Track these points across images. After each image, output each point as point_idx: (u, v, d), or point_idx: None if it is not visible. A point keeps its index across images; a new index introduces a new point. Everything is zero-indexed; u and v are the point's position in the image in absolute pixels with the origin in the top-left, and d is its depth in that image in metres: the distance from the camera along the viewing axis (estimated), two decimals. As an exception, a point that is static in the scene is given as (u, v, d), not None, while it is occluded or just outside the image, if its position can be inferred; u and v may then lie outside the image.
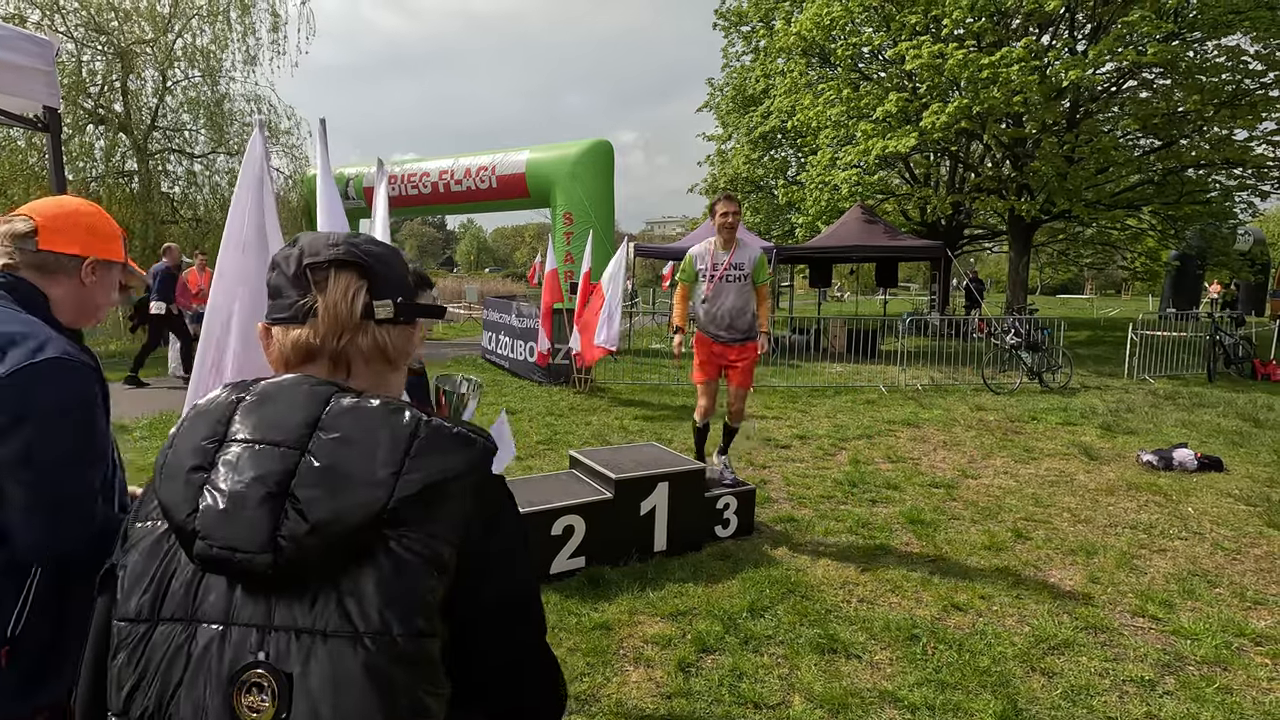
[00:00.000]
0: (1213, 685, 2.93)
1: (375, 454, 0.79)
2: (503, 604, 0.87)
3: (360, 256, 0.91)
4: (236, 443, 0.81)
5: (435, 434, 0.84)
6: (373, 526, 0.77)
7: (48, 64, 2.62)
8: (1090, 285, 47.82)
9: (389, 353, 0.93)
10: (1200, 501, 5.22)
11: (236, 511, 0.76)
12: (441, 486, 0.80)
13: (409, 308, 0.94)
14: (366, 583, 0.76)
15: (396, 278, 0.94)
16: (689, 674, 2.97)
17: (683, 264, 4.85)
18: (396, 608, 0.76)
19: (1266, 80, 13.94)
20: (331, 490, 0.77)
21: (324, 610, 0.76)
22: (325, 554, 0.76)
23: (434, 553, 0.78)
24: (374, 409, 0.84)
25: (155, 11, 14.00)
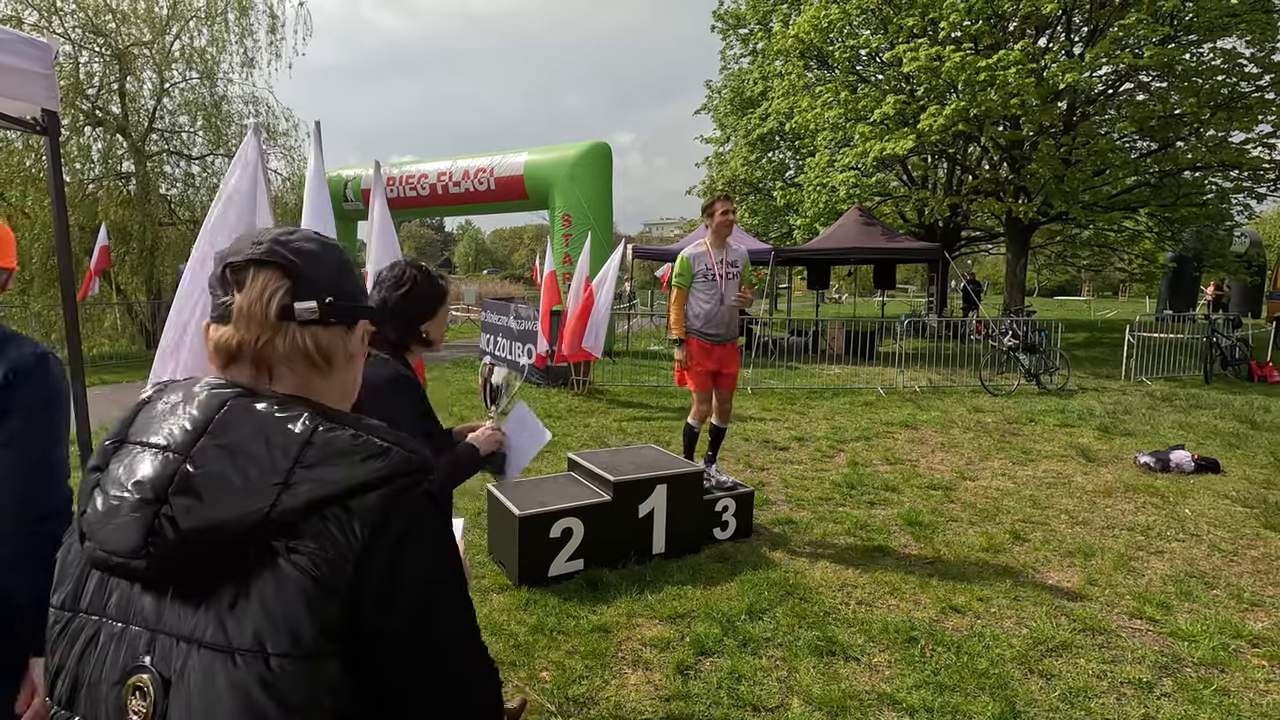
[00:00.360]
0: (1210, 687, 2.93)
1: (259, 462, 0.75)
2: (413, 642, 0.78)
3: (283, 255, 0.86)
4: (130, 444, 0.80)
5: (332, 443, 0.78)
6: (256, 538, 0.73)
7: (46, 67, 2.62)
8: (1088, 287, 47.91)
9: (313, 356, 0.88)
10: (1197, 503, 5.23)
11: (112, 515, 0.75)
12: (336, 500, 0.75)
13: (337, 309, 0.88)
14: (248, 596, 0.73)
15: (327, 277, 0.89)
16: (687, 676, 2.97)
17: (678, 268, 4.82)
18: (273, 626, 0.72)
19: (1262, 83, 13.99)
20: (208, 499, 0.74)
21: (204, 619, 0.73)
22: (202, 563, 0.73)
23: (324, 572, 0.73)
24: (265, 413, 0.80)
25: (153, 13, 13.99)
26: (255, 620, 0.72)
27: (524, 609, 3.52)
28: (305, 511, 0.74)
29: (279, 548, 0.73)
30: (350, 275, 0.93)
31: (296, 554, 0.73)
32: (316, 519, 0.74)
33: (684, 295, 4.80)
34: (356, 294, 0.94)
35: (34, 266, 12.91)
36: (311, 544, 0.73)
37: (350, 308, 0.91)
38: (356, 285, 0.95)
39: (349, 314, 0.91)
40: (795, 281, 21.54)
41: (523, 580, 3.74)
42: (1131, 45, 13.58)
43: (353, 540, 0.74)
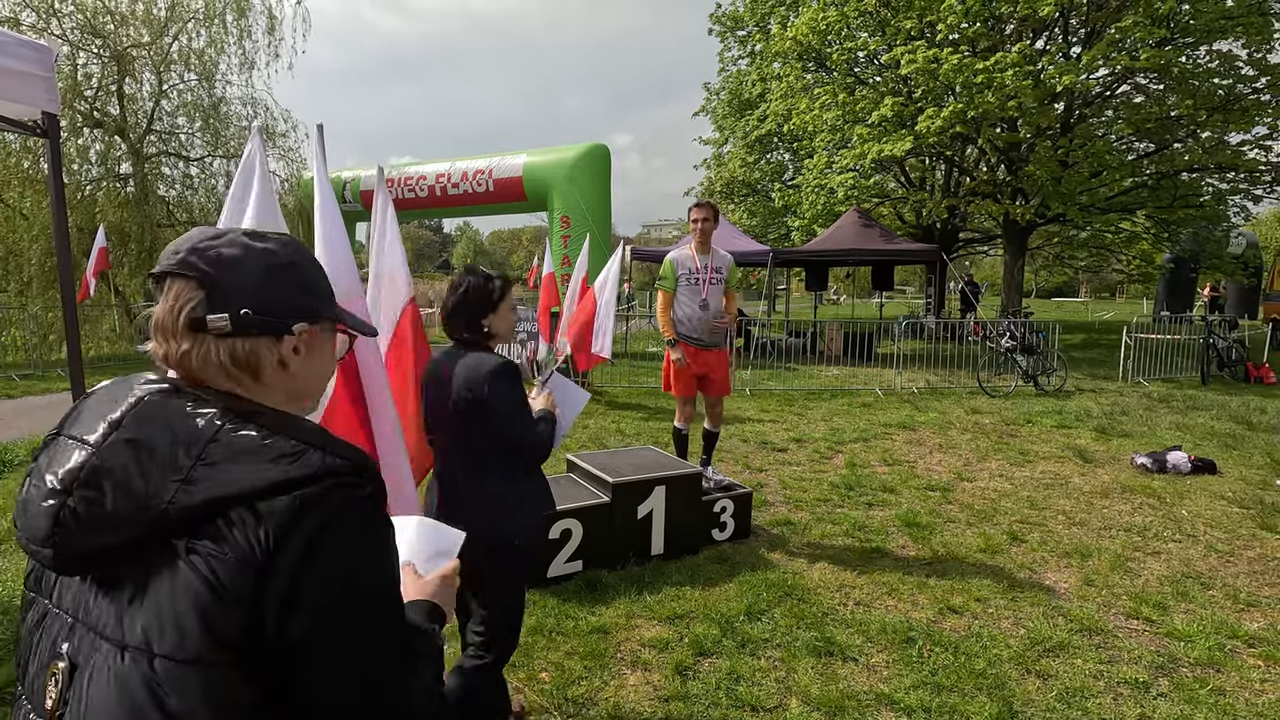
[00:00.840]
0: (1206, 687, 2.95)
1: (160, 458, 0.74)
2: (322, 655, 0.74)
3: (196, 265, 0.83)
4: (62, 436, 0.81)
5: (237, 441, 0.76)
6: (153, 535, 0.72)
7: (47, 70, 2.63)
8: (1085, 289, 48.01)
9: (228, 369, 0.84)
10: (1194, 504, 5.24)
11: (30, 504, 0.77)
12: (241, 502, 0.72)
13: (252, 321, 0.83)
14: (145, 594, 0.72)
15: (249, 285, 0.84)
16: (686, 677, 2.98)
17: (663, 271, 4.80)
18: (161, 626, 0.71)
19: (1259, 85, 14.03)
20: (108, 492, 0.73)
21: (107, 612, 0.74)
22: (104, 556, 0.73)
23: (222, 578, 0.71)
24: (178, 409, 0.78)
25: (151, 15, 13.99)
26: (146, 618, 0.71)
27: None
28: (205, 511, 0.72)
29: (179, 547, 0.72)
30: (281, 281, 0.87)
31: (195, 555, 0.71)
32: (220, 520, 0.72)
33: (668, 298, 4.75)
34: (289, 300, 0.87)
35: (33, 268, 12.89)
36: (211, 546, 0.71)
37: (266, 321, 0.84)
38: (294, 289, 0.88)
39: (268, 327, 0.85)
40: (793, 283, 21.58)
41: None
42: (1128, 48, 13.62)
43: (256, 546, 0.71)
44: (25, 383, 10.35)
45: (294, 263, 0.89)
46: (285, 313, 0.87)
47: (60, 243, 2.87)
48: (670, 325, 4.76)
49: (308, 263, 0.92)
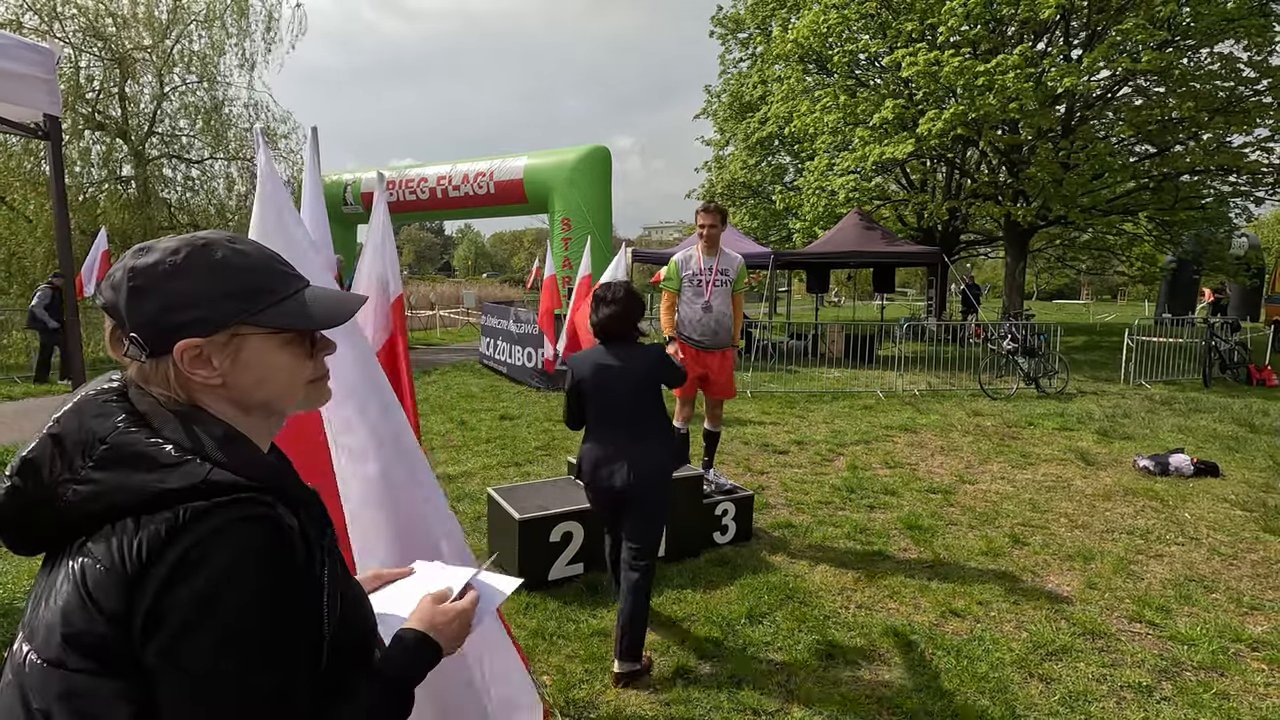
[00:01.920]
0: (1210, 691, 2.94)
1: (66, 454, 0.76)
2: (171, 671, 0.70)
3: (104, 292, 0.84)
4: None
5: (125, 445, 0.74)
6: (56, 532, 0.76)
7: (48, 72, 2.63)
8: (1086, 291, 47.97)
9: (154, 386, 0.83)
10: (1197, 507, 5.23)
11: None
12: (125, 510, 0.71)
13: (139, 345, 0.81)
14: (54, 587, 0.74)
15: (126, 308, 0.81)
16: (687, 680, 2.97)
17: (667, 271, 4.80)
18: (47, 625, 0.72)
19: (1260, 87, 14.04)
20: (24, 482, 0.77)
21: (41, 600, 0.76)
22: (29, 539, 0.78)
23: (90, 586, 0.70)
24: (94, 408, 0.80)
25: (153, 17, 14.02)
26: (43, 615, 0.74)
27: (524, 613, 3.52)
28: (90, 514, 0.72)
29: (74, 547, 0.74)
30: (143, 296, 0.81)
31: (81, 558, 0.72)
32: (109, 527, 0.72)
33: (672, 298, 4.74)
34: (163, 319, 0.81)
35: (36, 271, 12.91)
36: (96, 552, 0.71)
37: (145, 346, 0.81)
38: (167, 308, 0.81)
39: (149, 350, 0.82)
40: (794, 285, 21.56)
41: (522, 584, 3.73)
42: (1129, 50, 13.63)
43: (129, 559, 0.69)
44: (27, 384, 10.36)
45: (172, 276, 0.81)
46: (162, 334, 0.81)
47: (62, 245, 2.87)
48: (671, 324, 4.74)
49: (198, 269, 0.83)
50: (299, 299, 0.89)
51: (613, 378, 2.98)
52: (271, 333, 0.86)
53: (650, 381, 3.02)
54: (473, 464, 6.13)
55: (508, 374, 11.02)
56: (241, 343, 0.84)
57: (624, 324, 3.01)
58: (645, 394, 3.02)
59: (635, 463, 2.93)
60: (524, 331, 10.48)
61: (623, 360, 2.98)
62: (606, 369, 2.99)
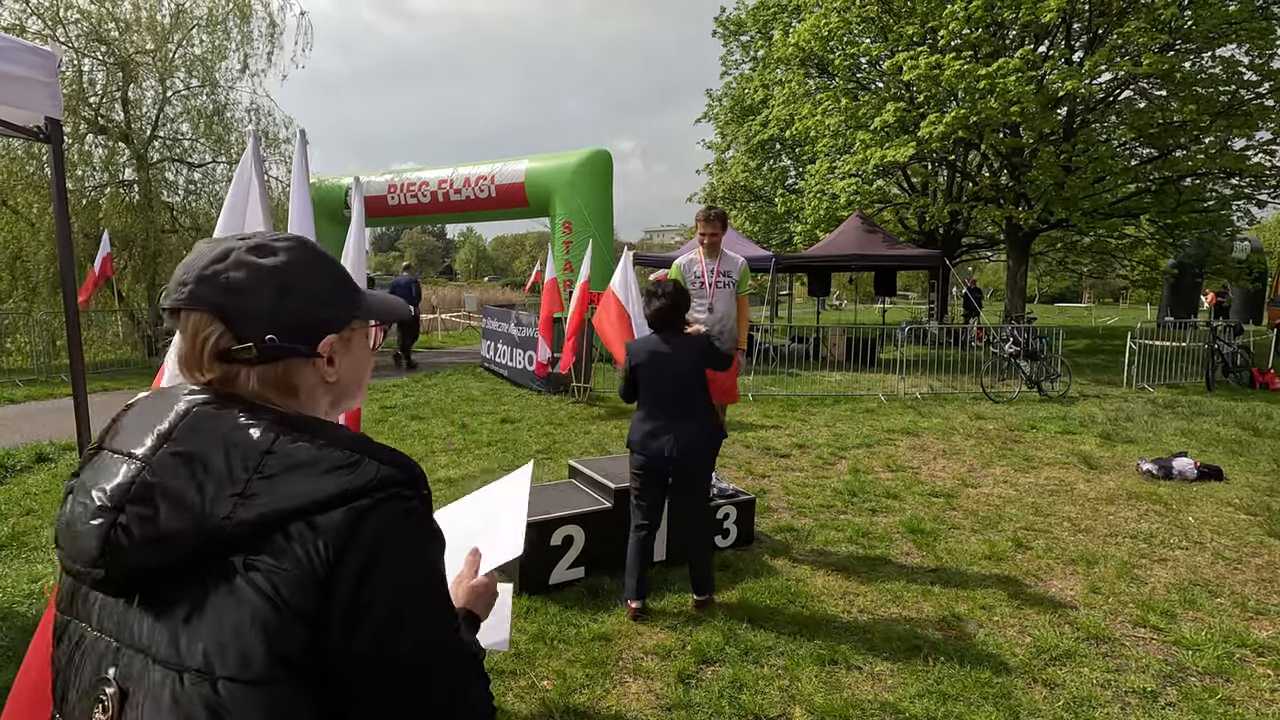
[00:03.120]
0: (1215, 696, 2.91)
1: (214, 472, 0.72)
2: (383, 659, 0.72)
3: (206, 298, 0.80)
4: (105, 451, 0.78)
5: (294, 453, 0.73)
6: (211, 552, 0.70)
7: (50, 75, 2.63)
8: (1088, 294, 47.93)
9: (258, 391, 0.82)
10: (1200, 511, 5.21)
11: (74, 524, 0.73)
12: (296, 515, 0.71)
13: (278, 348, 0.81)
14: (203, 614, 0.69)
15: (266, 309, 0.80)
16: (689, 685, 2.96)
17: (670, 275, 4.83)
18: (224, 648, 0.68)
19: (1261, 90, 14.03)
20: (161, 509, 0.70)
21: (160, 634, 0.71)
22: (160, 576, 0.70)
23: (283, 594, 0.69)
24: (230, 420, 0.76)
25: (155, 21, 14.05)
26: (206, 639, 0.68)
27: (524, 617, 3.50)
28: (262, 526, 0.70)
29: (237, 564, 0.70)
30: (293, 295, 0.82)
31: (255, 571, 0.69)
32: (279, 535, 0.70)
33: None
34: (310, 317, 0.83)
35: (39, 275, 12.93)
36: (271, 561, 0.69)
37: (292, 346, 0.81)
38: (313, 304, 0.84)
39: (294, 351, 0.82)
40: (796, 288, 21.56)
41: (523, 588, 3.73)
42: (1131, 53, 13.63)
43: (316, 561, 0.70)
44: (30, 388, 10.37)
45: (307, 273, 0.85)
46: (309, 332, 0.83)
47: (63, 248, 2.87)
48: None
49: (322, 266, 0.87)
50: (370, 296, 0.95)
51: (664, 362, 3.42)
52: (366, 327, 0.92)
53: (696, 366, 3.45)
54: (473, 467, 6.12)
55: (509, 377, 11.01)
56: (351, 337, 0.89)
57: (674, 315, 3.45)
58: (691, 377, 3.45)
59: (680, 436, 3.38)
60: (525, 335, 10.47)
61: (673, 347, 3.43)
62: (659, 354, 3.43)
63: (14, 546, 4.39)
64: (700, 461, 3.50)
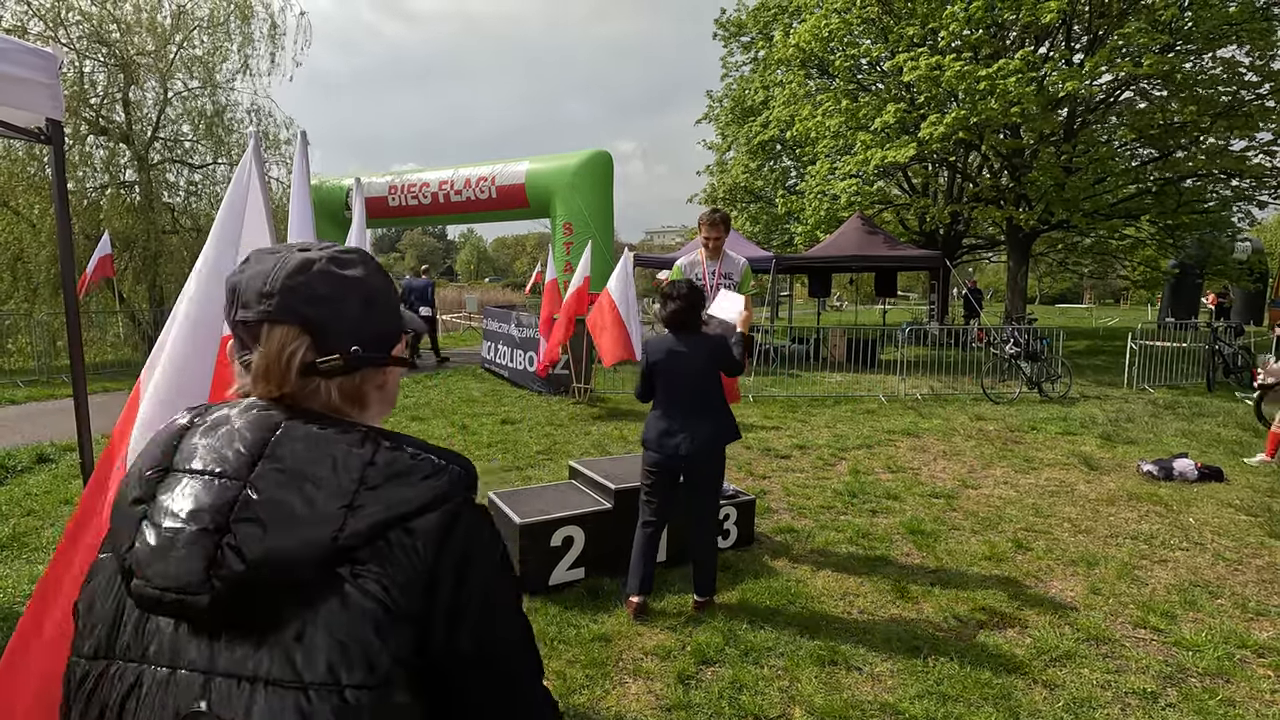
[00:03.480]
0: (1215, 698, 2.91)
1: (322, 485, 0.73)
2: (484, 654, 0.77)
3: (296, 310, 0.80)
4: (178, 472, 0.76)
5: (394, 462, 0.76)
6: (320, 565, 0.70)
7: (51, 77, 2.63)
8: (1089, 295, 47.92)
9: (335, 404, 0.83)
10: (1201, 512, 5.20)
11: (168, 549, 0.71)
12: (401, 523, 0.73)
13: (365, 359, 0.83)
14: (316, 627, 0.69)
15: (351, 321, 0.83)
16: (689, 686, 2.96)
17: (671, 277, 4.83)
18: (347, 657, 0.69)
19: (1262, 91, 14.02)
20: (271, 526, 0.70)
21: (268, 656, 0.69)
22: (267, 595, 0.70)
23: (394, 597, 0.71)
24: (325, 435, 0.76)
25: (156, 23, 14.07)
26: (326, 651, 0.69)
27: (525, 618, 3.50)
28: (370, 535, 0.72)
29: (344, 574, 0.71)
30: (375, 306, 0.86)
31: (363, 579, 0.71)
32: (381, 542, 0.72)
33: None
34: (388, 328, 0.87)
35: (40, 276, 12.94)
36: (377, 568, 0.71)
37: (375, 356, 0.84)
38: (389, 315, 0.88)
39: (376, 360, 0.85)
40: (796, 289, 21.57)
41: (524, 589, 3.73)
42: (1131, 54, 13.63)
43: (418, 563, 0.73)
44: (30, 389, 10.37)
45: (382, 286, 0.88)
46: (387, 342, 0.86)
47: (64, 248, 2.87)
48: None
49: (387, 278, 0.91)
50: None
51: (680, 361, 3.48)
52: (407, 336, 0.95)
53: (710, 366, 3.50)
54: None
55: (509, 378, 11.01)
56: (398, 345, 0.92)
57: (690, 315, 3.51)
58: (707, 377, 3.51)
59: (695, 435, 3.44)
60: (526, 336, 10.47)
61: (689, 347, 3.48)
62: (675, 354, 3.49)
63: (14, 547, 4.40)
64: (714, 461, 3.55)
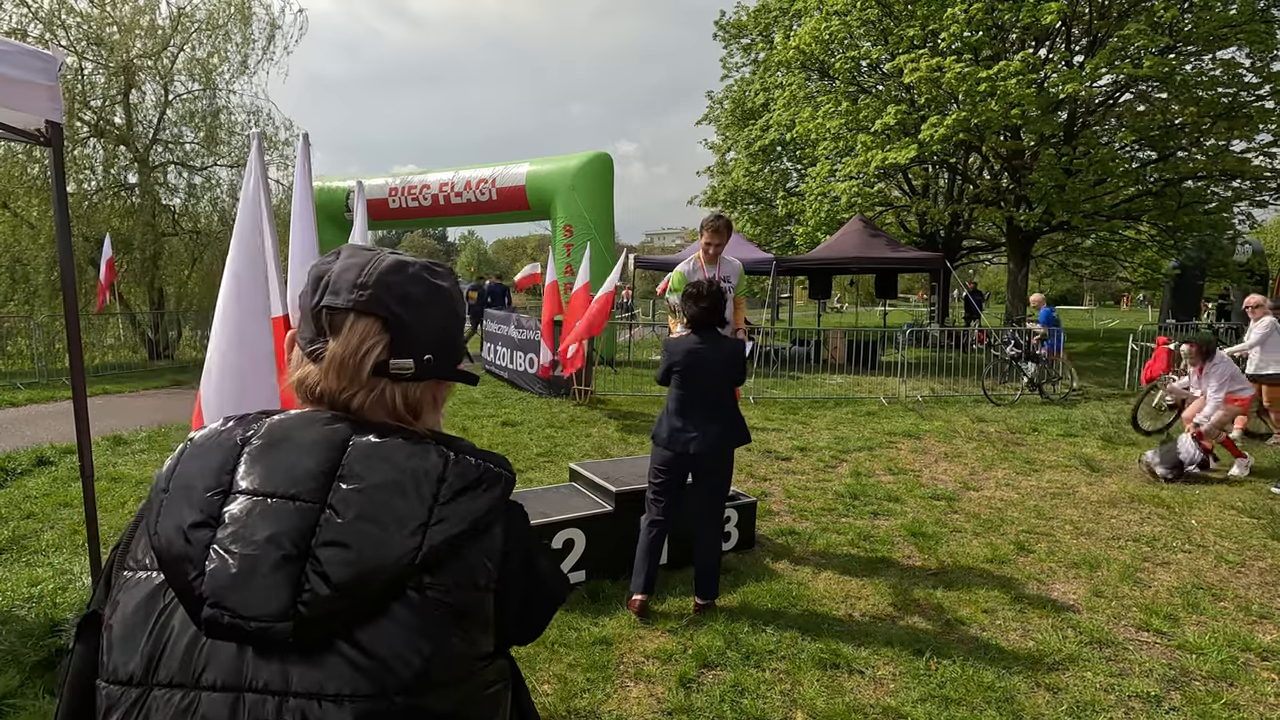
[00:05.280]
0: (1219, 701, 2.90)
1: (401, 503, 0.72)
2: (529, 599, 0.83)
3: (387, 306, 0.79)
4: (244, 495, 0.72)
5: (463, 474, 0.77)
6: (401, 581, 0.70)
7: (51, 79, 2.63)
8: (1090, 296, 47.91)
9: (398, 411, 0.82)
10: (1203, 514, 5.19)
11: (250, 576, 0.68)
12: (471, 532, 0.75)
13: (434, 369, 0.82)
14: (392, 639, 0.69)
15: (432, 329, 0.82)
16: (690, 689, 2.94)
17: (673, 284, 4.81)
18: (428, 664, 0.70)
19: (1262, 93, 14.02)
20: (356, 547, 0.70)
21: (347, 672, 0.68)
22: (351, 615, 0.69)
23: (464, 602, 0.73)
24: (396, 450, 0.76)
25: (155, 25, 14.08)
26: (408, 661, 0.69)
27: (525, 621, 3.49)
28: (447, 549, 0.72)
29: (419, 585, 0.71)
30: (456, 326, 0.86)
31: (437, 590, 0.72)
32: (453, 553, 0.73)
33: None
34: (457, 343, 0.87)
35: (39, 278, 12.94)
36: (448, 577, 0.73)
37: (445, 368, 0.83)
38: (460, 330, 0.89)
39: (444, 373, 0.84)
40: (797, 291, 21.55)
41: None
42: (1131, 56, 13.63)
43: (485, 567, 0.76)
44: (30, 391, 10.36)
45: (461, 300, 0.89)
46: (455, 355, 0.86)
47: (63, 251, 2.87)
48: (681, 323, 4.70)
49: (463, 295, 0.92)
50: None
51: (699, 361, 3.54)
52: None
53: (728, 370, 3.57)
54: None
55: (509, 380, 11.00)
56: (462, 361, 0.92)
57: (713, 316, 3.57)
58: (723, 378, 3.58)
59: (707, 435, 3.48)
60: (526, 337, 10.47)
61: (709, 349, 3.54)
62: (696, 354, 3.54)
63: (14, 550, 4.38)
64: (723, 462, 3.58)
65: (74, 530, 4.68)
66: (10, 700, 2.80)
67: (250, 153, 2.19)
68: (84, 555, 4.23)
